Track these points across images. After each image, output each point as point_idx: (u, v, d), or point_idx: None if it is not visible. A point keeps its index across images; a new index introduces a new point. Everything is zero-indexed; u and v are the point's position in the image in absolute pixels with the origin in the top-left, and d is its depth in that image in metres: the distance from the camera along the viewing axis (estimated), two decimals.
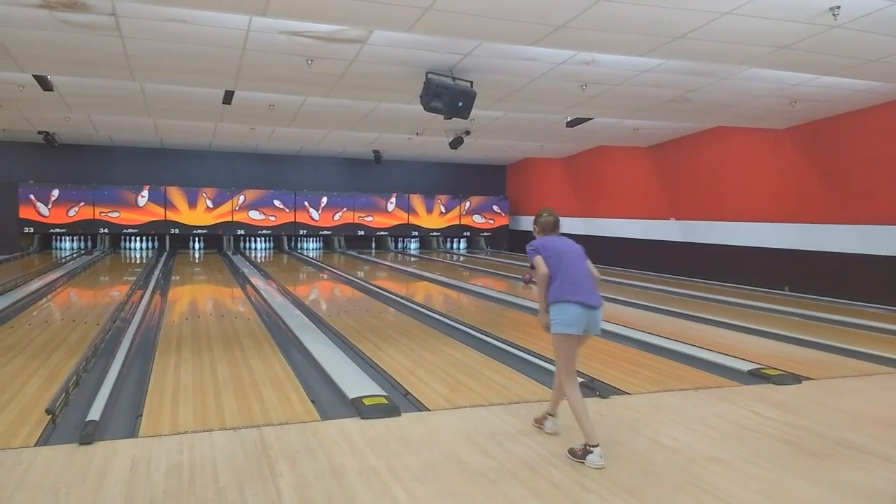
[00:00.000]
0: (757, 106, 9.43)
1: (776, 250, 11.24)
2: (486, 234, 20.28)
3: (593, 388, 4.63)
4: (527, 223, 19.15)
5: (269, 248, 18.50)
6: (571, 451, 3.41)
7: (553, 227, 3.80)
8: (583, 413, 3.40)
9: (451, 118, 7.67)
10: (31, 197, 16.43)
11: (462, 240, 20.33)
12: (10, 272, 11.68)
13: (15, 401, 4.18)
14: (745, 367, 5.34)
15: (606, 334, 6.79)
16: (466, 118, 7.69)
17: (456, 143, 13.38)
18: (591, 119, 11.47)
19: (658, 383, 4.93)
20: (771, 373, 5.17)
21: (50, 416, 3.81)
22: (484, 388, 4.70)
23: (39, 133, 14.81)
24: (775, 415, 4.22)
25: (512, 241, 20.06)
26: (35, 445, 3.43)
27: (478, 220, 20.26)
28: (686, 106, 9.54)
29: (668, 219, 13.90)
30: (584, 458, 3.32)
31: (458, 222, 20.11)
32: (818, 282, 10.42)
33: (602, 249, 15.99)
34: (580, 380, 3.68)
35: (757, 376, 5.13)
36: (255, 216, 18.15)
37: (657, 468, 3.30)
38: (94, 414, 3.82)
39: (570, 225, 17.50)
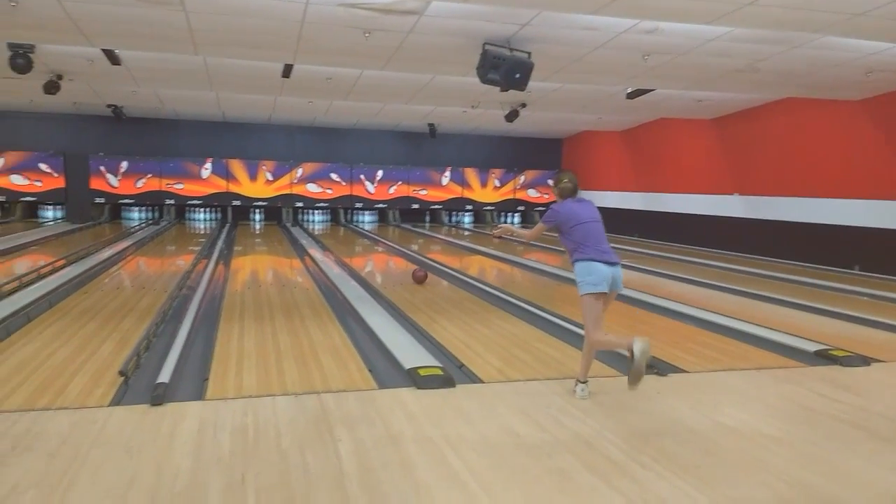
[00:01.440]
0: (829, 76, 8.95)
1: (847, 227, 10.74)
2: (540, 208, 20.09)
3: (652, 364, 4.57)
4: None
5: (326, 221, 18.84)
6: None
7: (572, 193, 4.00)
8: (591, 355, 3.84)
9: (507, 90, 7.56)
10: (102, 168, 17.13)
11: (516, 214, 20.24)
12: (83, 241, 12.26)
13: (90, 362, 4.42)
14: (812, 347, 5.16)
15: (667, 312, 6.67)
16: (523, 90, 7.57)
17: (512, 115, 13.23)
18: (652, 90, 11.13)
19: (719, 362, 4.82)
20: (838, 354, 4.98)
21: (123, 378, 4.02)
22: (537, 362, 4.71)
23: (108, 106, 15.31)
24: (842, 397, 4.08)
25: None
26: (109, 405, 3.63)
27: (532, 194, 20.08)
28: (754, 76, 9.14)
29: (732, 194, 13.43)
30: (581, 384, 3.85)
31: (512, 196, 19.99)
32: (891, 261, 9.92)
33: (662, 226, 15.61)
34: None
35: (824, 357, 4.95)
36: (312, 189, 18.47)
37: (717, 448, 3.24)
38: (164, 377, 3.99)
39: (628, 200, 17.14)
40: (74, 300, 6.62)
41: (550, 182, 4.21)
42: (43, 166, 16.79)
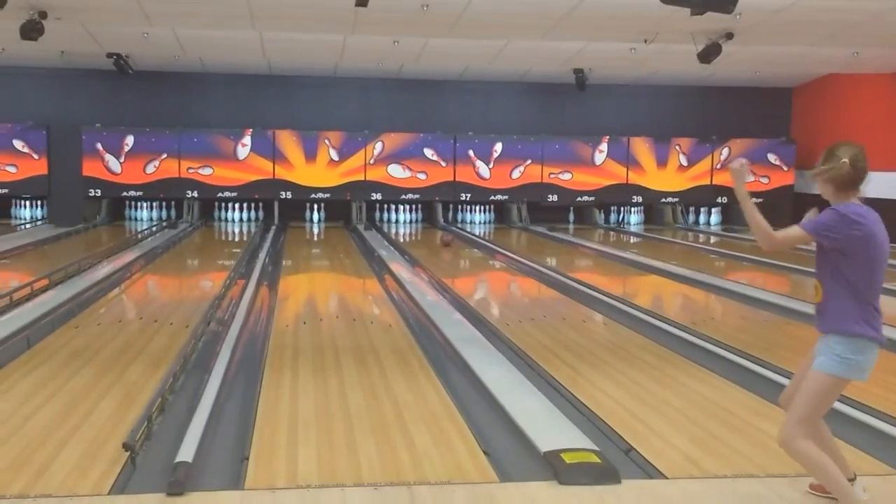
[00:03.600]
0: None
1: None
2: (755, 199, 19.27)
3: None
4: None
5: (418, 221, 19.22)
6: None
7: (855, 184, 3.64)
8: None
9: (703, 13, 7.43)
10: (98, 146, 18.13)
11: (715, 209, 19.77)
12: (73, 251, 13.05)
13: (83, 429, 4.69)
14: None
15: None
16: (731, 11, 7.40)
17: (709, 52, 12.93)
18: None
19: None
20: None
21: (128, 454, 4.23)
22: (754, 446, 4.57)
23: (109, 56, 16.19)
24: None
25: (799, 212, 19.06)
26: (109, 493, 3.82)
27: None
28: None
29: None
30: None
31: (708, 182, 19.54)
32: None
33: None
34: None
35: None
36: (397, 173, 18.85)
37: None
38: (186, 454, 4.16)
39: None
40: (61, 338, 7.05)
41: (822, 162, 3.79)
42: (17, 144, 17.98)
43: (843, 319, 3.55)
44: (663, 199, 19.61)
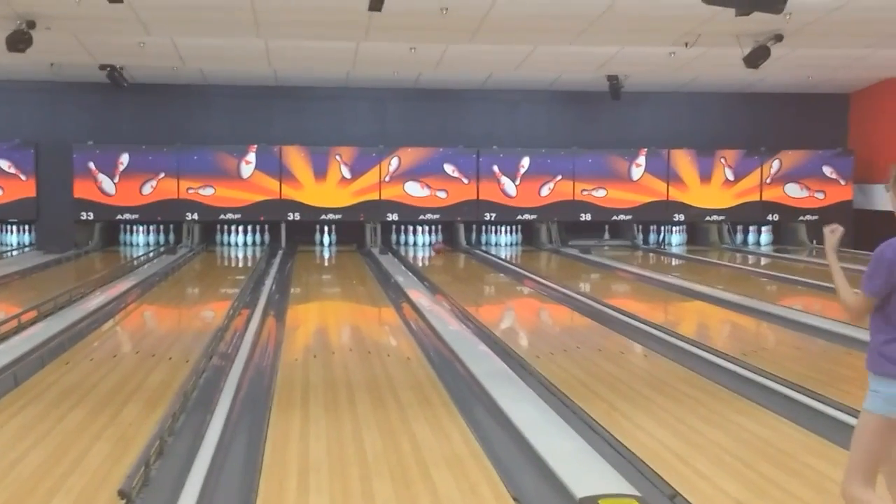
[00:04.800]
0: None
1: None
2: (809, 216, 19.37)
3: None
4: (885, 197, 17.98)
5: (437, 243, 19.13)
6: None
7: None
8: None
9: (749, 13, 7.44)
10: (91, 166, 18.23)
11: (765, 228, 19.73)
12: (63, 280, 13.19)
13: (75, 475, 4.69)
14: None
15: None
16: (780, 11, 7.41)
17: (757, 56, 12.93)
18: None
19: None
20: None
21: (124, 502, 4.23)
22: (814, 491, 4.52)
23: (102, 68, 16.34)
24: None
25: (860, 231, 18.95)
26: None
27: (794, 192, 19.45)
28: None
29: None
30: None
31: (757, 198, 19.47)
32: None
33: None
34: None
35: None
36: (415, 191, 18.88)
37: None
38: (187, 501, 4.17)
39: None
40: (50, 375, 7.08)
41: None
42: (3, 164, 18.12)
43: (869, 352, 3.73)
44: (708, 218, 19.51)
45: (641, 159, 19.29)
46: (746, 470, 4.87)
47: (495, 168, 19.05)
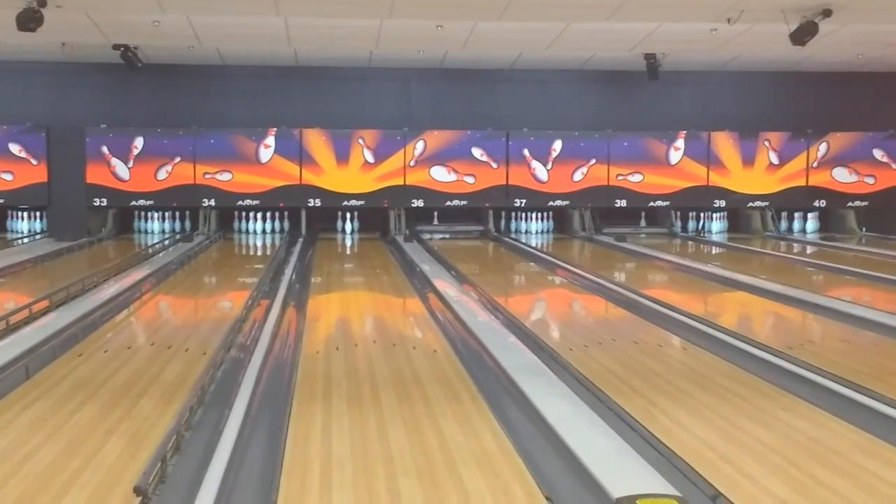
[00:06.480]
0: None
1: None
2: (858, 202, 19.26)
3: None
4: None
5: (465, 231, 19.24)
6: None
7: None
8: None
9: None
10: (104, 150, 18.41)
11: (811, 215, 19.64)
12: (76, 269, 13.24)
13: (89, 471, 4.71)
14: None
15: None
16: None
17: (804, 33, 12.80)
18: None
19: None
20: None
21: (140, 499, 4.24)
22: (864, 491, 4.48)
23: (116, 48, 16.37)
24: None
25: None
26: None
27: (843, 176, 19.36)
28: None
29: None
30: None
31: (803, 182, 19.38)
32: None
33: None
34: None
35: None
36: (441, 176, 18.91)
37: None
38: (205, 499, 4.18)
39: None
40: (63, 367, 7.12)
41: None
42: (14, 148, 18.31)
43: None
44: (750, 204, 19.45)
45: (680, 142, 19.22)
46: (793, 470, 4.83)
47: (526, 152, 19.04)
